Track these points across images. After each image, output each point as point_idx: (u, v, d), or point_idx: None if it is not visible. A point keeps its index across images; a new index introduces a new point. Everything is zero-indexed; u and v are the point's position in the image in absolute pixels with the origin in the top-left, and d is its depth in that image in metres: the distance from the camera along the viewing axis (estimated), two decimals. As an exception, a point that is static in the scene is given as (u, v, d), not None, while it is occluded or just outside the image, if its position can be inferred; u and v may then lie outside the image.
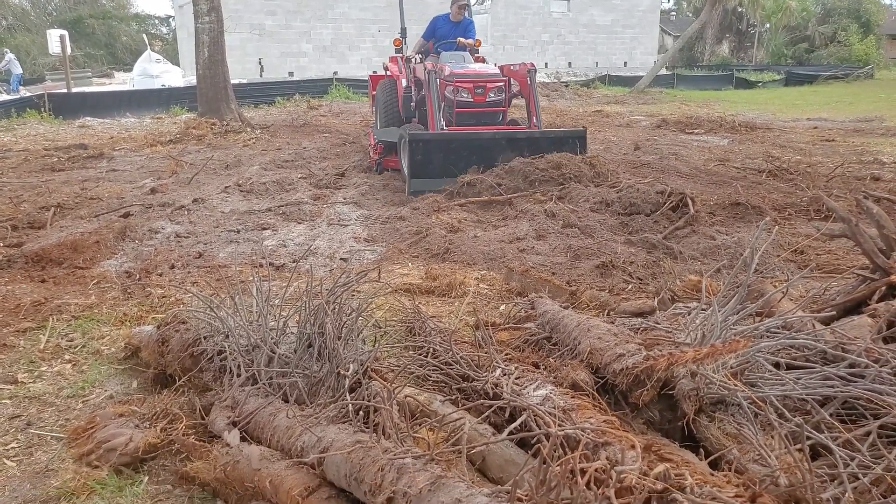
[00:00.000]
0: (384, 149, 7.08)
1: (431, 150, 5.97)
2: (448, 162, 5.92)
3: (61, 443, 2.26)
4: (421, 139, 5.99)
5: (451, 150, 5.99)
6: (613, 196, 5.35)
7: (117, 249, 4.50)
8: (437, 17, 7.78)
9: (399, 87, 7.42)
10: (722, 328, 2.06)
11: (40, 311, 3.35)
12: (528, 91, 6.74)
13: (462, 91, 6.41)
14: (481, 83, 6.48)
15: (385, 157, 7.14)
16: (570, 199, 5.48)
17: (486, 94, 6.50)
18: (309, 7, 21.44)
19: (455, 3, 7.47)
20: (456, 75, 6.44)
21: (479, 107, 6.49)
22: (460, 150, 6.00)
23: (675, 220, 4.89)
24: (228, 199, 5.99)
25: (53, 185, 6.62)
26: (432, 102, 6.17)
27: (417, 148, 5.93)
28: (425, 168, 5.92)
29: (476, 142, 6.10)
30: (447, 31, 7.53)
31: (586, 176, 5.84)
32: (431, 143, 6.02)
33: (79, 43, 28.64)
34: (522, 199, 5.55)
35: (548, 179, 5.78)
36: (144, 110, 13.66)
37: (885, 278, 2.67)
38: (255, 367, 2.28)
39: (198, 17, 10.84)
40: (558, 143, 6.18)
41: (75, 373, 2.78)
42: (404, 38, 7.80)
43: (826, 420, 1.81)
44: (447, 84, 6.37)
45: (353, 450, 1.67)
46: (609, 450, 1.52)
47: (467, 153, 5.99)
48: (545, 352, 2.46)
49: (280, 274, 4.03)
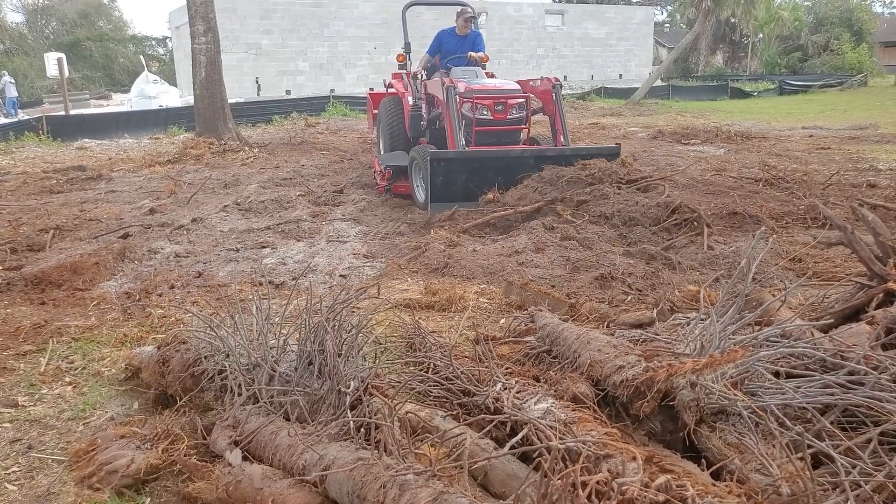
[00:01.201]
0: (393, 174, 6.63)
1: (454, 171, 5.56)
2: (471, 183, 5.55)
3: (62, 466, 2.25)
4: (443, 159, 5.57)
5: (475, 171, 5.60)
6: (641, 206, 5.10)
7: (117, 270, 4.51)
8: (443, 31, 7.34)
9: (405, 106, 7.05)
10: (720, 338, 2.06)
11: (40, 333, 3.35)
12: (553, 107, 6.37)
13: (481, 108, 6.00)
14: (502, 99, 6.10)
15: (394, 183, 6.66)
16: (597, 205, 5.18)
17: (506, 112, 6.10)
18: (305, 26, 21.67)
19: (461, 16, 7.09)
20: (474, 91, 6.03)
21: (499, 125, 6.10)
22: (485, 171, 5.61)
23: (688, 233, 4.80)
24: (227, 218, 6.01)
25: (52, 207, 6.64)
26: (452, 120, 5.81)
27: (439, 169, 5.51)
28: (447, 190, 5.53)
29: (503, 160, 5.71)
30: (454, 45, 7.10)
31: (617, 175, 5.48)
32: (454, 163, 5.59)
33: (76, 65, 28.89)
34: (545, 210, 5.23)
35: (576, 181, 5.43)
36: (142, 131, 13.74)
37: (882, 285, 2.69)
38: (256, 386, 2.28)
39: (194, 37, 10.95)
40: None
41: (76, 395, 2.77)
42: (408, 53, 7.49)
43: (827, 428, 1.82)
44: (464, 101, 5.97)
45: (355, 467, 1.67)
46: (611, 462, 1.52)
47: (492, 173, 5.61)
48: (546, 365, 2.46)
49: (280, 292, 4.03)
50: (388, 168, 6.64)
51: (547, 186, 5.49)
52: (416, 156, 6.05)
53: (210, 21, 10.93)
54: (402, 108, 7.13)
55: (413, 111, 6.88)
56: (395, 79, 7.63)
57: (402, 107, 7.13)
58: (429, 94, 6.63)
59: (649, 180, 5.80)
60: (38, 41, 31.90)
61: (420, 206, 6.08)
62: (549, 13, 27.16)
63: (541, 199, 5.39)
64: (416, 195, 6.23)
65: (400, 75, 7.54)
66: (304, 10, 21.64)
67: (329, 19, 22.03)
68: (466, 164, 5.65)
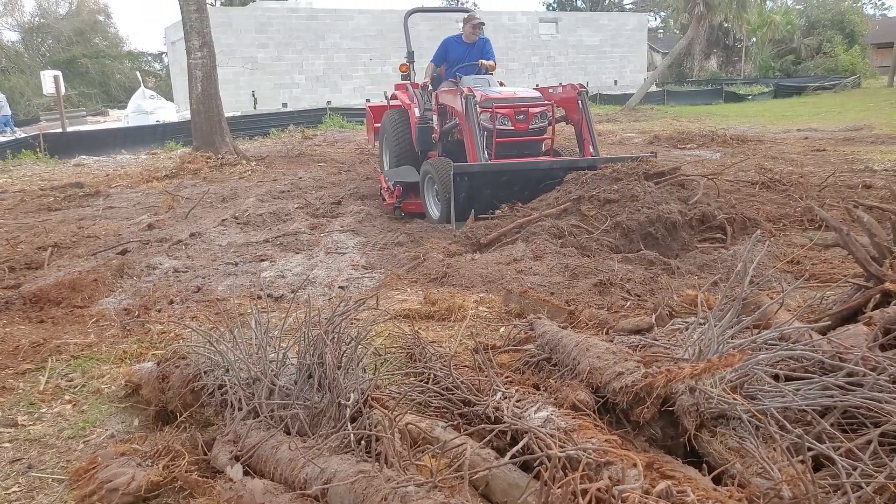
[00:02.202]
0: (403, 191, 6.31)
1: (478, 186, 5.23)
2: (496, 198, 5.22)
3: (63, 485, 2.24)
4: (466, 173, 5.24)
5: (501, 185, 5.27)
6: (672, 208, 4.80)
7: (115, 287, 4.51)
8: (448, 39, 6.98)
9: (412, 118, 6.73)
10: (719, 342, 2.07)
11: (39, 352, 3.34)
12: (579, 116, 6.05)
13: (502, 118, 5.70)
14: (523, 108, 5.79)
15: (404, 201, 6.34)
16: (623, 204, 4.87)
17: (528, 121, 5.80)
18: (300, 38, 21.79)
19: (468, 23, 6.75)
20: (493, 100, 5.73)
21: (521, 135, 5.80)
22: (511, 184, 5.29)
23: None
24: (226, 232, 6.02)
25: (50, 224, 6.65)
26: (473, 131, 5.51)
27: (462, 184, 5.18)
28: (471, 207, 5.21)
29: (531, 173, 5.38)
30: (461, 53, 6.74)
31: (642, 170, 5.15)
32: (479, 178, 5.26)
33: (73, 83, 28.99)
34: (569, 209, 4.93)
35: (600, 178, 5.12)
36: (139, 147, 13.77)
37: (878, 286, 2.69)
38: (257, 400, 2.28)
39: (190, 52, 11.01)
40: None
41: (76, 413, 2.77)
42: (411, 62, 7.24)
43: (827, 430, 1.82)
44: (483, 110, 5.69)
45: (356, 480, 1.67)
46: (611, 469, 1.52)
47: (518, 187, 5.29)
48: (545, 373, 2.46)
49: (279, 305, 4.03)
50: (398, 185, 6.31)
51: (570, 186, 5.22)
52: (431, 170, 5.78)
53: (205, 36, 10.99)
54: (409, 120, 6.81)
55: (421, 124, 6.57)
56: (399, 90, 7.31)
57: (409, 119, 6.82)
58: (441, 104, 6.35)
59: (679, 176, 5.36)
60: (34, 59, 32.04)
61: (433, 222, 5.82)
62: (542, 21, 27.33)
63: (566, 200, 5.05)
64: (430, 212, 5.95)
65: (404, 86, 7.23)
66: (299, 23, 21.76)
67: (324, 32, 22.16)
68: (492, 179, 5.31)
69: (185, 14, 10.89)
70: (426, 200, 5.99)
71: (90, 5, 35.58)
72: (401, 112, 7.02)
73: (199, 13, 10.87)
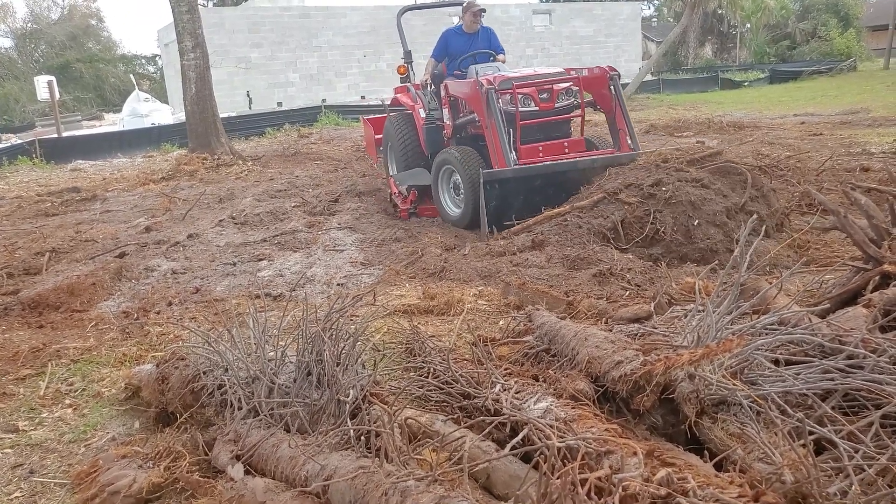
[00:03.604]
0: (418, 195, 6.01)
1: (511, 192, 4.76)
2: (531, 202, 4.75)
3: (65, 489, 2.24)
4: (498, 180, 4.79)
5: (536, 189, 4.84)
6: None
7: (114, 290, 4.51)
8: (448, 31, 6.57)
9: (417, 120, 6.36)
10: (717, 328, 2.06)
11: (39, 356, 3.34)
12: (611, 103, 5.59)
13: (524, 99, 5.25)
14: (546, 86, 5.31)
15: (419, 205, 6.04)
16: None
17: (553, 99, 5.31)
18: (293, 37, 21.71)
19: (468, 11, 6.25)
20: (513, 80, 5.28)
21: (546, 115, 5.31)
22: (547, 187, 4.84)
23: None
24: (223, 233, 6.01)
25: (48, 229, 6.64)
26: (497, 129, 5.01)
27: (493, 192, 4.73)
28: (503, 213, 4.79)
29: (570, 173, 4.91)
30: (463, 45, 6.28)
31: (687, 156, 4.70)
32: (511, 183, 4.79)
33: (67, 87, 28.91)
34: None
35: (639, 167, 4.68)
36: (135, 150, 13.74)
37: (877, 268, 2.68)
38: (256, 399, 2.27)
39: (183, 54, 10.97)
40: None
41: (76, 417, 2.76)
42: (409, 63, 6.85)
43: (828, 414, 1.81)
44: (502, 93, 5.19)
45: (357, 476, 1.66)
46: (612, 458, 1.52)
47: (554, 189, 4.84)
48: (544, 364, 2.46)
49: (278, 304, 4.03)
50: (413, 188, 6.00)
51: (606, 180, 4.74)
52: (451, 159, 5.34)
53: (198, 37, 10.95)
54: (414, 123, 6.45)
55: (428, 124, 6.18)
56: (400, 92, 6.92)
57: (414, 122, 6.46)
58: (452, 96, 5.89)
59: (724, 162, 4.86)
60: (27, 65, 31.98)
61: (451, 222, 5.50)
62: (536, 13, 27.21)
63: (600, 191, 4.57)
64: (447, 210, 5.62)
65: (405, 88, 6.83)
66: (292, 22, 21.68)
67: (317, 30, 22.07)
68: (525, 183, 4.85)
69: (176, 15, 10.84)
70: (441, 197, 5.66)
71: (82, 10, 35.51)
72: (404, 116, 6.63)
73: (190, 14, 10.83)
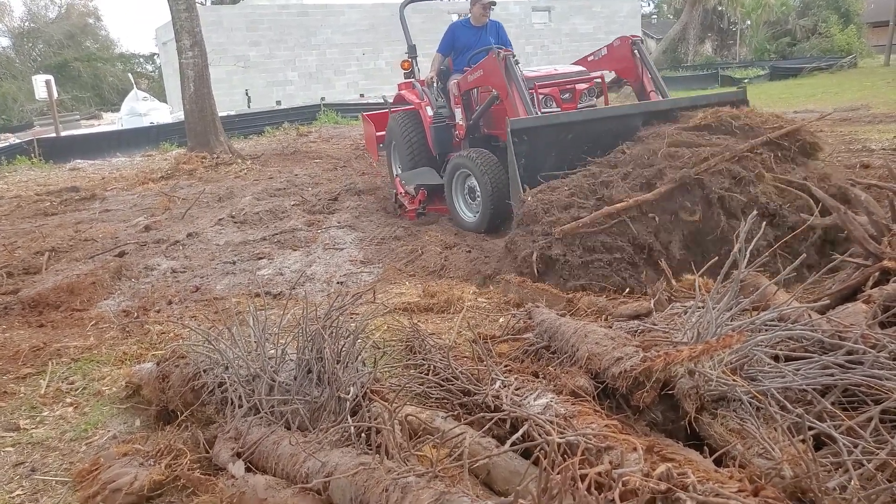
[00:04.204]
0: (428, 194, 5.79)
1: (542, 146, 4.22)
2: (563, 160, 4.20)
3: (66, 487, 2.24)
4: (526, 128, 4.20)
5: (568, 143, 4.31)
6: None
7: (114, 289, 4.51)
8: (454, 25, 6.29)
9: (424, 119, 6.08)
10: (717, 325, 2.06)
11: (39, 355, 3.35)
12: (637, 70, 5.21)
13: (546, 100, 4.98)
14: (568, 85, 5.03)
15: (428, 205, 5.85)
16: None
17: (576, 100, 5.05)
18: (292, 35, 21.68)
19: (476, 3, 5.92)
20: (533, 80, 4.99)
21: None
22: (580, 141, 4.29)
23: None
24: (223, 232, 6.01)
25: (47, 229, 6.64)
26: (519, 91, 4.57)
27: (521, 145, 4.12)
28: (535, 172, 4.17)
29: (605, 123, 4.41)
30: (471, 39, 5.96)
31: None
32: (542, 134, 4.23)
33: (65, 87, 28.90)
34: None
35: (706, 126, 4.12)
36: (134, 149, 13.72)
37: (877, 264, 2.69)
38: (257, 397, 2.28)
39: (181, 52, 10.95)
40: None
41: (77, 415, 2.77)
42: (414, 58, 6.56)
43: (827, 409, 1.82)
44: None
45: (357, 472, 1.67)
46: (612, 454, 1.52)
47: (589, 145, 4.27)
48: (544, 361, 2.46)
49: (278, 302, 4.03)
50: (422, 188, 5.76)
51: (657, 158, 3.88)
52: (467, 163, 5.12)
53: (196, 35, 10.93)
54: (420, 121, 6.17)
55: (437, 123, 5.92)
56: (405, 89, 6.59)
57: (420, 120, 6.18)
58: (466, 90, 5.60)
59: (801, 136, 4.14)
60: (25, 64, 31.92)
61: (467, 228, 5.30)
62: (535, 10, 27.17)
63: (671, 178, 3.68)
64: (462, 216, 5.42)
65: (410, 84, 6.52)
66: (290, 20, 21.65)
67: (316, 28, 22.05)
68: (557, 133, 4.31)
69: (174, 14, 10.82)
70: (455, 202, 5.45)
71: (79, 8, 35.43)
72: (411, 115, 6.34)
73: (188, 12, 10.80)
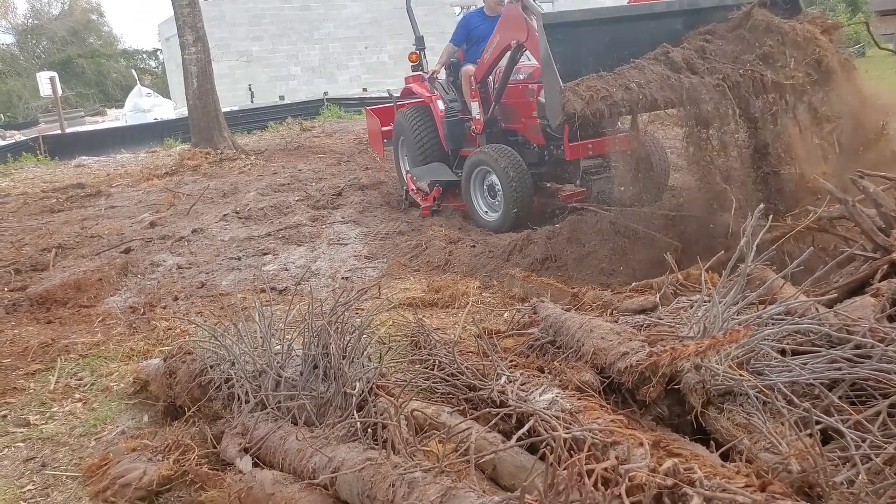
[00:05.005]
0: (443, 191, 5.69)
1: (581, 43, 3.95)
2: (600, 64, 3.87)
3: (77, 481, 2.26)
4: (564, 23, 3.98)
5: (610, 42, 3.99)
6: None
7: (120, 285, 4.53)
8: (468, 14, 6.13)
9: (436, 113, 5.92)
10: (724, 319, 2.05)
11: (48, 352, 3.37)
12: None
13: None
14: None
15: (442, 202, 5.73)
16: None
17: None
18: (294, 30, 21.63)
19: None
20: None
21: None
22: (620, 43, 4.01)
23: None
24: (227, 227, 6.02)
25: (53, 226, 6.67)
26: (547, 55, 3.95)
27: (559, 43, 3.84)
28: (572, 72, 3.78)
29: (645, 23, 4.13)
30: (487, 29, 5.59)
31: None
32: (580, 31, 4.01)
33: (69, 83, 28.89)
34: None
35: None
36: (139, 145, 13.74)
37: (886, 256, 2.67)
38: (263, 393, 2.29)
39: (184, 48, 10.94)
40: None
41: (86, 411, 2.79)
42: (422, 49, 6.40)
43: (835, 403, 1.81)
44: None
45: (364, 467, 1.67)
46: (618, 449, 1.52)
47: (629, 48, 3.98)
48: (550, 356, 2.46)
49: (283, 298, 4.04)
50: (436, 185, 5.65)
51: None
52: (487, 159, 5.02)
53: (199, 30, 10.91)
54: (431, 115, 6.02)
55: (449, 117, 5.78)
56: (414, 81, 6.39)
57: (431, 114, 6.02)
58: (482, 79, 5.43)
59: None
60: (29, 61, 31.95)
61: (487, 227, 5.17)
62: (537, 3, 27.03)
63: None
64: (480, 215, 5.31)
65: (419, 77, 6.34)
66: (292, 14, 21.59)
67: (318, 22, 21.98)
68: (598, 31, 4.08)
69: (177, 9, 10.80)
70: (474, 201, 5.36)
71: (82, 4, 35.40)
72: (420, 109, 6.17)
73: (191, 7, 10.79)
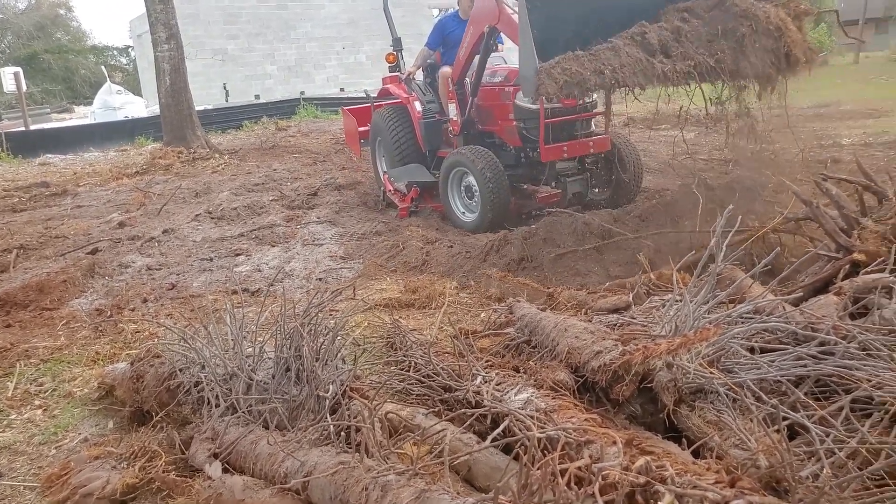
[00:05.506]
0: (420, 192, 5.70)
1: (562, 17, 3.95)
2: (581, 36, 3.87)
3: (35, 492, 2.19)
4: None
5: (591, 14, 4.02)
6: None
7: (86, 287, 4.41)
8: (443, 18, 6.14)
9: (413, 114, 5.95)
10: (695, 318, 2.08)
11: (6, 357, 3.25)
12: None
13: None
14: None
15: (420, 203, 5.74)
16: None
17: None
18: (271, 28, 21.39)
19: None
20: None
21: (569, 113, 5.05)
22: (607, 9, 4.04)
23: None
24: (199, 228, 5.91)
25: (15, 226, 6.46)
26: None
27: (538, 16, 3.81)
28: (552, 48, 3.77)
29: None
30: (462, 32, 5.58)
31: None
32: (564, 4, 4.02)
33: (35, 79, 28.10)
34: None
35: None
36: (108, 143, 13.41)
37: (847, 256, 2.74)
38: (234, 396, 2.24)
39: (156, 45, 10.73)
40: None
41: (46, 418, 2.70)
42: (399, 50, 6.43)
43: (801, 399, 1.85)
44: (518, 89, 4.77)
45: (337, 471, 1.65)
46: (592, 448, 1.52)
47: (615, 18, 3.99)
48: (525, 355, 2.46)
49: (256, 299, 3.98)
50: (414, 185, 5.65)
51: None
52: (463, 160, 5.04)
53: (172, 28, 10.72)
54: (409, 116, 6.04)
55: (426, 119, 5.83)
56: (392, 83, 6.40)
57: (408, 115, 6.04)
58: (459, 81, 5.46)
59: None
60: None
61: (464, 228, 5.17)
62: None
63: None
64: (457, 215, 5.32)
65: (396, 78, 6.36)
66: (269, 13, 21.35)
67: (295, 21, 21.78)
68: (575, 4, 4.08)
69: (149, 6, 10.60)
70: (452, 202, 5.38)
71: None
72: (398, 110, 6.17)
73: (163, 4, 10.59)
